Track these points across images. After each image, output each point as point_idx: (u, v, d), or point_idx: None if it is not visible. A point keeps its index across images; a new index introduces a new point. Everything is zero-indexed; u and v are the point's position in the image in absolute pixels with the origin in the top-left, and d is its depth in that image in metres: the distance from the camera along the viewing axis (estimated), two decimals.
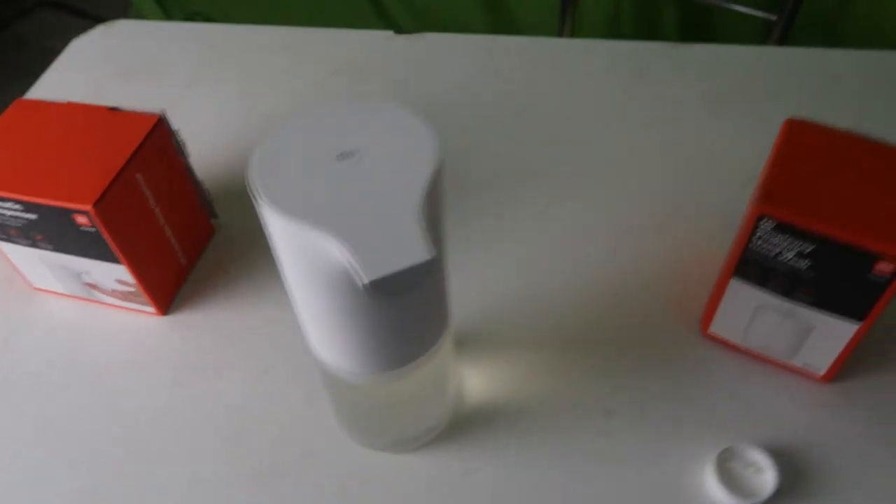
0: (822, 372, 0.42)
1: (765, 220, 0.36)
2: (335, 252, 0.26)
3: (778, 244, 0.37)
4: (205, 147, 0.60)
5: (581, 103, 0.62)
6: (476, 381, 0.45)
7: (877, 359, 0.44)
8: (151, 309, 0.48)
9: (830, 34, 1.28)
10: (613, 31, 1.41)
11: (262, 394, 0.45)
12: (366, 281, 0.24)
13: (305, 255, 0.28)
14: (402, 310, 0.31)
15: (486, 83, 0.64)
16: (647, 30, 1.39)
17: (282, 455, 0.42)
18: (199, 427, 0.44)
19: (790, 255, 0.37)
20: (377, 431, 0.41)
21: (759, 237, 0.37)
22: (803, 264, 0.37)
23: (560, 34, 1.24)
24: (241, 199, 0.55)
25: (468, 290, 0.49)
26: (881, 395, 0.43)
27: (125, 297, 0.48)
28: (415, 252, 0.25)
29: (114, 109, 0.46)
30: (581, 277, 0.49)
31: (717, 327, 0.44)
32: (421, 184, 0.27)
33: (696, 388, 0.44)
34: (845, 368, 0.43)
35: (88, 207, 0.40)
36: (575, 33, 1.27)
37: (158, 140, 0.45)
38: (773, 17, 1.06)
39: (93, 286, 0.48)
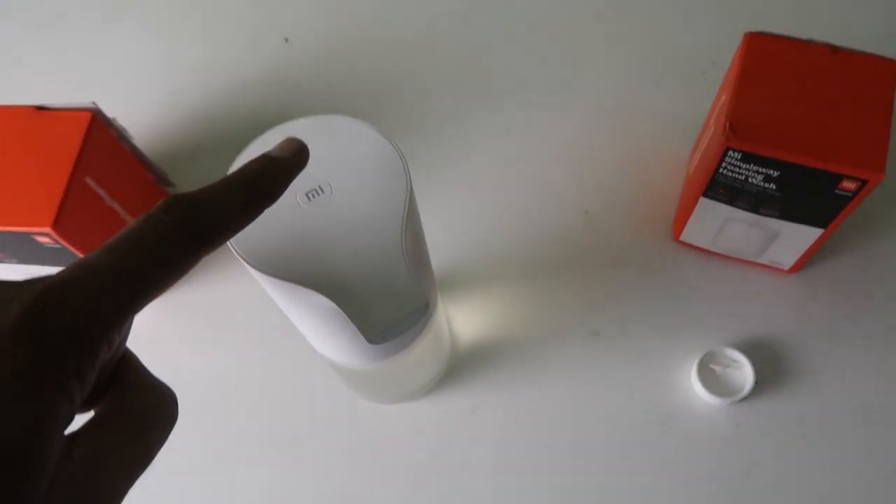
0: (788, 267, 0.45)
1: (732, 151, 0.37)
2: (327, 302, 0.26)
3: (746, 171, 0.38)
4: (131, 105, 0.56)
5: None
6: (466, 321, 0.47)
7: (836, 248, 0.46)
8: None
9: None
10: None
11: (263, 366, 0.46)
12: (367, 339, 0.25)
13: (295, 298, 0.28)
14: None
15: None
16: None
17: (296, 423, 0.45)
18: (204, 404, 0.46)
19: (758, 178, 0.38)
20: (385, 393, 0.43)
21: (727, 166, 0.38)
22: (770, 186, 0.38)
23: None
24: (191, 160, 0.53)
25: (440, 232, 0.49)
26: (842, 279, 0.46)
27: None
28: (408, 299, 0.25)
29: (41, 108, 0.42)
30: (550, 199, 0.50)
31: (688, 236, 0.46)
32: (397, 220, 0.27)
33: (673, 295, 0.46)
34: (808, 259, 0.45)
35: (48, 228, 0.39)
36: None
37: (97, 137, 0.42)
38: None
39: None
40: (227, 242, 0.27)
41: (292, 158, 0.23)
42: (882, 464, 0.41)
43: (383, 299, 0.25)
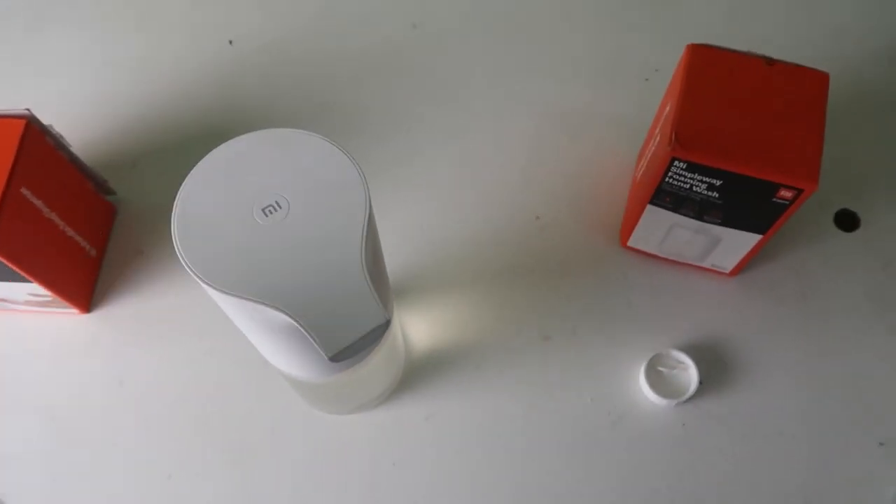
0: (729, 270, 0.47)
1: (678, 161, 0.38)
2: (286, 319, 0.26)
3: (690, 180, 0.39)
4: (68, 111, 0.54)
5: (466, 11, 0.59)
6: (419, 328, 0.47)
7: (773, 253, 0.48)
8: (73, 310, 0.46)
9: None
10: None
11: (214, 376, 0.45)
12: (327, 357, 0.25)
13: (253, 316, 0.28)
14: None
15: None
16: None
17: (250, 435, 0.44)
18: (151, 416, 0.44)
19: (702, 187, 0.39)
20: (339, 404, 0.43)
21: (673, 175, 0.39)
22: (713, 194, 0.39)
23: None
24: (133, 166, 0.51)
25: (392, 240, 0.49)
26: (778, 282, 0.48)
27: (42, 304, 0.46)
28: (368, 317, 0.25)
29: None
30: (501, 205, 0.50)
31: (636, 241, 0.47)
32: (356, 235, 0.26)
33: (621, 299, 0.47)
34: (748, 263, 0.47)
35: None
36: None
37: (33, 145, 0.40)
38: None
39: (2, 300, 0.45)
40: (184, 263, 0.26)
41: None
42: (821, 457, 0.43)
43: (344, 317, 0.25)
